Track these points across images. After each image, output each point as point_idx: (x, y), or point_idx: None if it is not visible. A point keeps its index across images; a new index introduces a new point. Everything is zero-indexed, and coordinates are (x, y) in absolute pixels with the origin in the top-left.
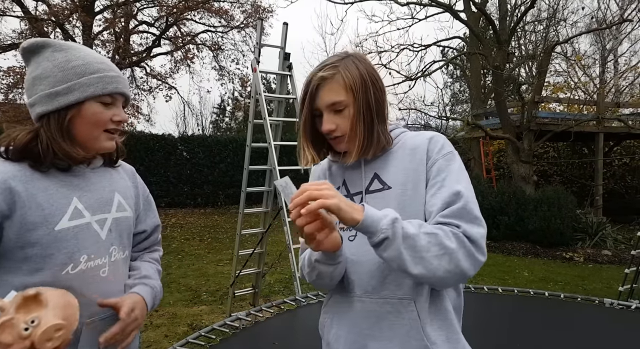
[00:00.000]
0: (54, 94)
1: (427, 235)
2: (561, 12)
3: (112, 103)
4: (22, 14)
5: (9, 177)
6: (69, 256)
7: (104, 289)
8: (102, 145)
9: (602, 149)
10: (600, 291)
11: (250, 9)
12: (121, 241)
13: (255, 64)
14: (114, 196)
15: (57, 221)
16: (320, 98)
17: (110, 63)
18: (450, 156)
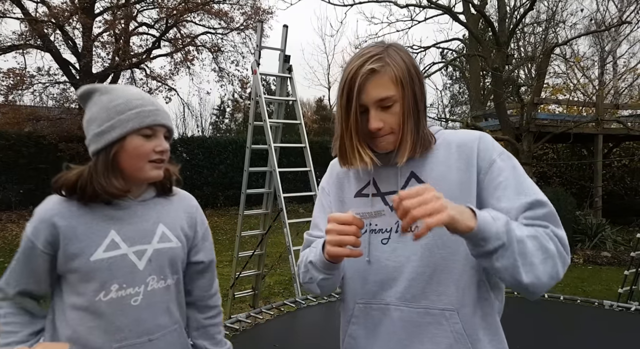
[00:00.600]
0: (100, 133)
1: (530, 239)
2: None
3: (152, 135)
4: (22, 15)
5: (54, 215)
6: (102, 285)
7: (135, 317)
8: (148, 175)
9: (601, 150)
10: (600, 293)
11: (250, 11)
12: (162, 271)
13: (256, 66)
14: (157, 228)
15: (92, 252)
16: (367, 93)
17: (149, 98)
18: (506, 155)
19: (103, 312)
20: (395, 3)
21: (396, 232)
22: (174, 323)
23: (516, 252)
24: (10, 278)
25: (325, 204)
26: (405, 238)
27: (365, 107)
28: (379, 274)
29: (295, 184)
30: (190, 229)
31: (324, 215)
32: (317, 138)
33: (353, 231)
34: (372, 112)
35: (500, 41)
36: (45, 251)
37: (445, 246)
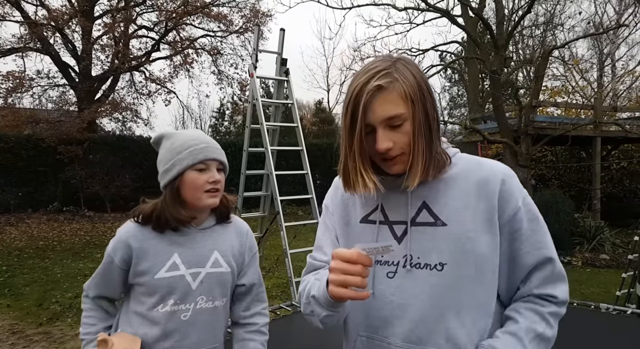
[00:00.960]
0: (165, 171)
1: (534, 341)
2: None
3: (206, 169)
4: (21, 19)
5: (129, 237)
6: (161, 298)
7: (183, 329)
8: (205, 203)
9: (599, 153)
10: (598, 296)
11: (250, 14)
12: (211, 293)
13: (253, 69)
14: (212, 254)
15: (156, 271)
16: (374, 111)
17: (203, 138)
18: (529, 200)
19: (158, 321)
20: (393, 6)
21: (403, 267)
22: (216, 342)
23: None
24: (91, 284)
25: (330, 225)
26: (413, 274)
27: (372, 127)
28: (383, 310)
29: (294, 187)
30: (240, 255)
31: (329, 237)
32: (316, 140)
33: (358, 270)
34: (380, 132)
35: (499, 44)
36: (120, 266)
37: (452, 288)
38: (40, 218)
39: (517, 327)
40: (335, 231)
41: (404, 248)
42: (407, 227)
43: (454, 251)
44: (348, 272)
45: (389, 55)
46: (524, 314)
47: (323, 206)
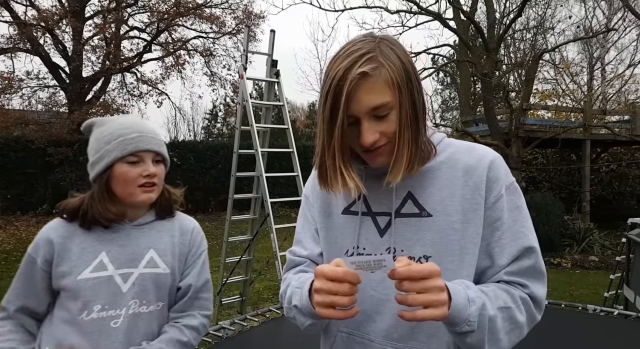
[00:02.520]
0: (92, 163)
1: (501, 311)
2: (549, 20)
3: (139, 161)
4: (11, 19)
5: (52, 233)
6: (85, 304)
7: (113, 339)
8: (138, 199)
9: (589, 156)
10: (587, 297)
11: (242, 16)
12: (145, 296)
13: (243, 70)
14: (147, 253)
15: (80, 271)
16: (358, 101)
17: (137, 126)
18: (513, 187)
19: (84, 331)
20: (386, 9)
21: None
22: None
23: (485, 332)
24: (12, 295)
25: (309, 217)
26: None
27: (355, 118)
28: (363, 304)
29: (287, 189)
30: (182, 255)
31: (308, 230)
32: (310, 143)
33: (346, 290)
34: (364, 124)
35: (490, 47)
36: (43, 268)
37: None
38: (29, 221)
39: (482, 287)
40: (315, 223)
41: (387, 241)
42: (392, 218)
43: (439, 243)
44: (334, 292)
45: (371, 35)
46: (492, 285)
47: (303, 196)
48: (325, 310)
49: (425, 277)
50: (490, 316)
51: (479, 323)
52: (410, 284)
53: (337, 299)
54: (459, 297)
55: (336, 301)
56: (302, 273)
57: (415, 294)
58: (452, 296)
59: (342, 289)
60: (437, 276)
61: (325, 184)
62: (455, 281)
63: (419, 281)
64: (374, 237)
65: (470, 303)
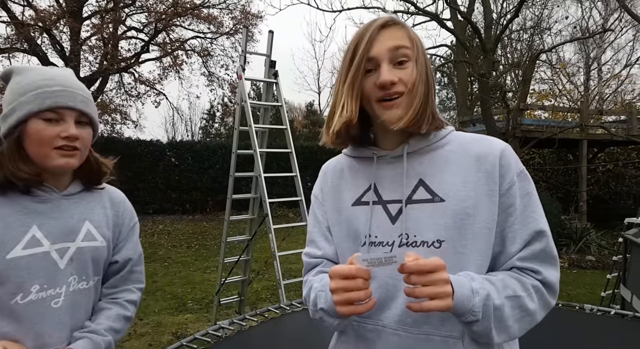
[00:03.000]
0: (4, 116)
1: (510, 299)
2: (546, 21)
3: (58, 118)
4: (8, 19)
5: None
6: (19, 286)
7: (56, 320)
8: (54, 163)
9: (586, 155)
10: (584, 297)
11: (240, 16)
12: (84, 271)
13: (241, 71)
14: (82, 225)
15: (9, 249)
16: (381, 43)
17: (61, 79)
18: (523, 175)
19: (20, 316)
20: (383, 9)
21: (399, 247)
22: None
23: (491, 320)
24: None
25: (320, 216)
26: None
27: (376, 63)
28: (377, 292)
29: (286, 189)
30: (115, 227)
31: (319, 229)
32: (307, 143)
33: (359, 285)
34: (384, 65)
35: (487, 48)
36: None
37: (451, 266)
38: None
39: (491, 277)
40: (326, 222)
41: (398, 227)
42: (403, 206)
43: (452, 227)
44: (350, 289)
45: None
46: (501, 273)
47: (312, 196)
48: (344, 308)
49: (432, 271)
50: (497, 305)
51: (484, 313)
52: (417, 278)
53: (353, 295)
54: (462, 289)
55: (353, 297)
56: (321, 273)
57: (421, 286)
58: (455, 289)
59: (356, 285)
60: (442, 270)
61: (327, 131)
62: (460, 274)
63: (426, 275)
64: (385, 225)
65: (474, 294)
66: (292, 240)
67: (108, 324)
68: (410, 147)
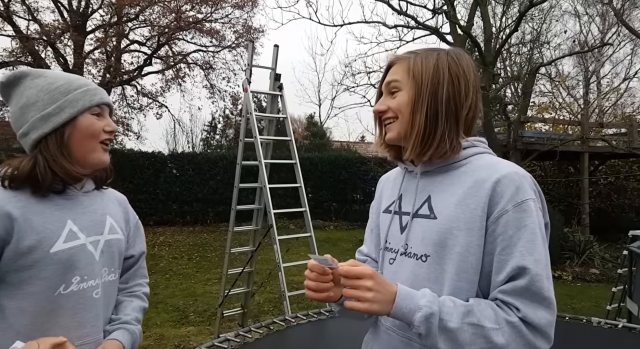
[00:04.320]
0: (46, 116)
1: (472, 327)
2: (545, 35)
3: (101, 113)
4: (13, 33)
5: (6, 204)
6: (62, 277)
7: (96, 311)
8: (100, 157)
9: (587, 168)
10: (589, 310)
11: (242, 30)
12: (112, 263)
13: (247, 84)
14: (106, 219)
15: (52, 243)
16: (385, 78)
17: (86, 79)
18: (523, 206)
19: (63, 306)
20: (384, 24)
21: (401, 255)
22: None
23: (437, 339)
24: None
25: (371, 222)
26: (404, 262)
27: (382, 93)
28: None
29: (285, 200)
30: (126, 223)
31: (369, 230)
32: (308, 154)
33: (312, 277)
34: (382, 97)
35: (487, 61)
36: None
37: (430, 280)
38: None
39: (458, 300)
40: (372, 223)
41: (404, 237)
42: (409, 219)
43: (437, 244)
44: (310, 279)
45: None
46: (477, 301)
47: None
48: (308, 292)
49: (357, 277)
50: (449, 327)
51: (427, 330)
52: (345, 281)
53: (307, 282)
54: (408, 302)
55: (307, 284)
56: None
57: (349, 289)
58: (397, 300)
59: (311, 276)
60: (367, 278)
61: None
62: (421, 290)
63: (351, 280)
64: (396, 234)
65: (417, 309)
66: (294, 252)
67: (134, 315)
68: (425, 166)
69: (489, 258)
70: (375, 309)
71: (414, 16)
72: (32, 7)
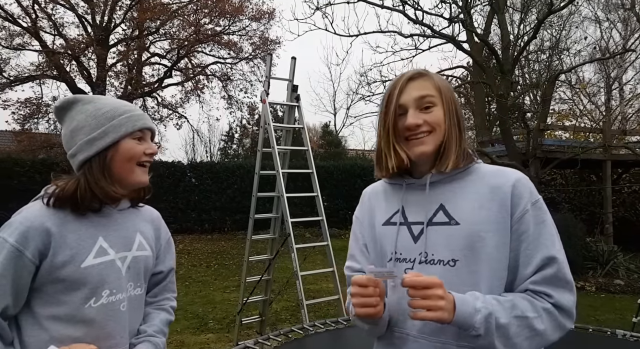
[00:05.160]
0: (92, 140)
1: (518, 319)
2: (564, 41)
3: (142, 138)
4: (40, 48)
5: (46, 220)
6: (92, 291)
7: (124, 323)
8: (138, 178)
9: (610, 176)
10: (614, 322)
11: (259, 41)
12: (138, 278)
13: (265, 96)
14: (135, 236)
15: (83, 259)
16: (408, 93)
17: (133, 105)
18: (539, 204)
19: (92, 319)
20: (399, 33)
21: (419, 264)
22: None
23: (493, 337)
24: None
25: (358, 232)
26: (428, 270)
27: (404, 109)
28: (401, 305)
29: (301, 209)
30: (157, 240)
31: (357, 245)
32: (323, 163)
33: (370, 292)
34: (410, 111)
35: (505, 69)
36: (33, 261)
37: (465, 283)
38: None
39: (500, 297)
40: (363, 238)
41: (420, 246)
42: (424, 227)
43: (465, 248)
44: (364, 295)
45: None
46: (514, 295)
47: (353, 217)
48: (360, 309)
49: (427, 287)
50: (502, 323)
51: (486, 329)
52: (414, 291)
53: (365, 299)
54: (465, 307)
55: (365, 301)
56: None
57: (419, 299)
58: (457, 306)
59: (367, 292)
60: (437, 287)
61: (380, 167)
62: (468, 293)
63: (421, 290)
64: (408, 244)
65: (476, 312)
66: (310, 260)
67: (160, 328)
68: (433, 176)
69: (514, 254)
70: (445, 318)
71: (430, 25)
72: (58, 22)
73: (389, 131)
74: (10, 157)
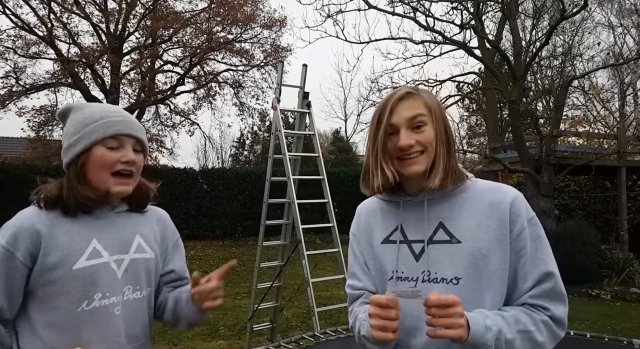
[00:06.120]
0: (69, 146)
1: (521, 334)
2: (577, 47)
3: (119, 146)
4: (55, 56)
5: (36, 222)
6: (84, 294)
7: (117, 326)
8: (111, 188)
9: (624, 183)
10: (630, 331)
11: (270, 49)
12: (138, 282)
13: (276, 103)
14: (134, 238)
15: (75, 260)
16: (399, 113)
17: (119, 111)
18: (534, 220)
19: (86, 322)
20: (410, 40)
21: (422, 282)
22: (145, 336)
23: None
24: None
25: (357, 251)
26: (431, 288)
27: (395, 128)
28: (405, 323)
29: (312, 215)
30: (162, 241)
31: (357, 263)
32: (334, 169)
33: (392, 315)
34: (402, 131)
35: (517, 75)
36: (24, 263)
37: (468, 301)
38: None
39: (504, 313)
40: (363, 256)
41: (422, 265)
42: (425, 245)
43: (468, 266)
44: (385, 317)
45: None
46: (514, 309)
47: (350, 233)
48: (378, 332)
49: (450, 305)
50: (508, 339)
51: (496, 346)
52: (437, 310)
53: (387, 323)
54: (478, 325)
55: (387, 324)
56: (364, 304)
57: (439, 317)
58: (471, 325)
59: (389, 315)
60: (458, 305)
61: (366, 184)
62: (476, 311)
63: (445, 308)
64: (410, 262)
65: (487, 330)
66: (321, 267)
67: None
68: (429, 193)
69: (512, 269)
70: (463, 335)
71: (442, 31)
72: (73, 31)
73: (377, 150)
74: (25, 164)
